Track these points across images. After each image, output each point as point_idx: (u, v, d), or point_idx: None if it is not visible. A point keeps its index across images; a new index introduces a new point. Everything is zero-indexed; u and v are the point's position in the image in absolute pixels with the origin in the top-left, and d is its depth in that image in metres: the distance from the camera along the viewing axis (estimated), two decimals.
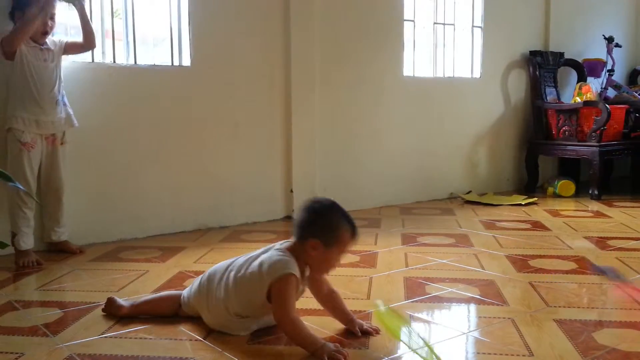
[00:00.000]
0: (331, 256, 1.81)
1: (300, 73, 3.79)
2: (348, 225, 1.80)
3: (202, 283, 1.95)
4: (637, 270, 2.60)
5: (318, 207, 1.83)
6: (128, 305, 2.06)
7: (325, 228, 1.79)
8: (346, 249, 1.82)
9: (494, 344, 1.82)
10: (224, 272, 1.90)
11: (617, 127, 4.72)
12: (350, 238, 1.81)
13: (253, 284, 1.80)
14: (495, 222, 3.68)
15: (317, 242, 1.78)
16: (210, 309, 1.89)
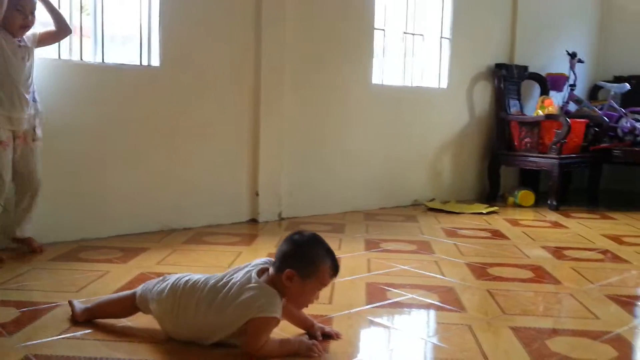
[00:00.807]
0: (307, 289, 1.75)
1: (270, 78, 3.80)
2: (329, 260, 1.76)
3: (176, 293, 1.80)
4: (591, 280, 2.68)
5: (298, 239, 1.78)
6: (80, 310, 1.99)
7: (303, 259, 1.74)
8: (324, 284, 1.77)
9: (451, 349, 1.86)
10: (201, 292, 1.77)
11: (577, 140, 4.86)
12: (329, 274, 1.76)
13: (234, 317, 1.71)
14: (457, 230, 3.75)
15: (293, 272, 1.72)
16: (179, 323, 1.79)
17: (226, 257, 2.92)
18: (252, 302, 1.69)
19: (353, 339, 1.93)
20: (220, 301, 1.73)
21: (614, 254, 3.22)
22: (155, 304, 1.84)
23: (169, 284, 1.84)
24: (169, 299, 1.80)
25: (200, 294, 1.77)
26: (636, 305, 2.39)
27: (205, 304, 1.75)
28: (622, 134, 5.14)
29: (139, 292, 1.92)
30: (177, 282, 1.83)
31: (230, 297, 1.72)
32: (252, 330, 1.70)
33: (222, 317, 1.73)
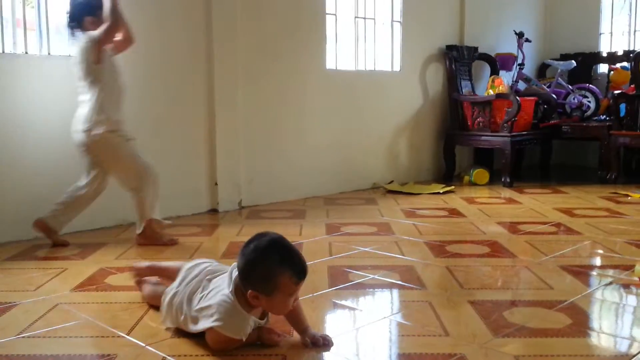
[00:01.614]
0: (276, 302, 1.67)
1: (223, 66, 3.76)
2: (287, 269, 1.65)
3: (172, 308, 1.85)
4: (545, 252, 2.77)
5: (251, 256, 1.66)
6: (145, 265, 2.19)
7: (260, 279, 1.65)
8: (291, 293, 1.67)
9: (413, 326, 1.90)
10: (188, 310, 1.79)
11: (527, 118, 4.99)
12: (292, 282, 1.65)
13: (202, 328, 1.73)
14: (416, 211, 3.81)
15: (256, 294, 1.65)
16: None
17: (187, 248, 2.91)
18: (213, 321, 1.68)
19: (318, 321, 1.95)
20: (199, 315, 1.75)
21: (566, 227, 3.33)
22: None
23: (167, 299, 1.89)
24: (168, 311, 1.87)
25: (187, 311, 1.79)
26: (589, 274, 2.49)
27: (190, 318, 1.78)
28: (570, 110, 5.31)
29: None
30: (172, 298, 1.86)
31: (206, 313, 1.72)
32: (212, 336, 1.70)
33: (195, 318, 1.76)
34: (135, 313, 2.02)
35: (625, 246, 2.89)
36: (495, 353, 1.69)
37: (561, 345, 1.75)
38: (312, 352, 1.71)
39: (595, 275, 2.49)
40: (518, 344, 1.76)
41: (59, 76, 3.16)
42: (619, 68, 5.51)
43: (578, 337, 1.81)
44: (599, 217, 3.58)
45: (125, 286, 2.29)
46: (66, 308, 2.07)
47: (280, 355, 1.68)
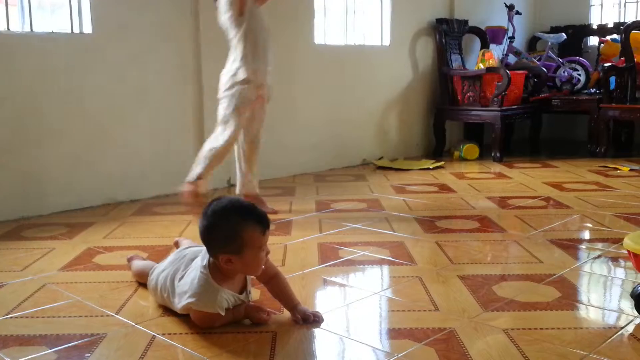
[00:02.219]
0: (249, 259, 1.66)
1: (210, 41, 3.69)
2: (249, 220, 1.65)
3: (157, 291, 1.88)
4: (535, 226, 2.78)
5: (212, 220, 1.66)
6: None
7: (227, 239, 1.65)
8: (261, 245, 1.67)
9: (403, 301, 1.91)
10: (171, 289, 1.81)
11: (517, 92, 4.97)
12: (259, 232, 1.65)
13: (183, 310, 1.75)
14: (406, 186, 3.81)
15: (227, 256, 1.65)
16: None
17: (176, 226, 2.89)
18: (187, 297, 1.70)
19: (308, 298, 1.95)
20: (177, 293, 1.77)
21: (555, 201, 3.34)
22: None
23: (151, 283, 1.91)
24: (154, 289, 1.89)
25: (170, 290, 1.80)
26: (577, 248, 2.50)
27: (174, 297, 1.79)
28: (560, 84, 5.30)
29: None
30: (155, 283, 1.88)
31: (183, 290, 1.74)
32: (192, 314, 1.72)
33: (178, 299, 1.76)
34: (124, 292, 2.01)
35: (614, 219, 2.90)
36: (484, 327, 1.70)
37: (550, 318, 1.76)
38: (302, 328, 1.71)
39: (584, 248, 2.50)
40: (507, 317, 1.77)
41: (42, 53, 3.10)
42: (609, 40, 5.49)
43: (567, 310, 1.82)
44: (588, 190, 3.60)
45: (114, 265, 2.28)
46: (54, 288, 2.06)
47: (271, 332, 1.68)
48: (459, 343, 1.60)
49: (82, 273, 2.22)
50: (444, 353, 1.55)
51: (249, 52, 2.89)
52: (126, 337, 1.67)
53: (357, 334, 1.69)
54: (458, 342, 1.61)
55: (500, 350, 1.56)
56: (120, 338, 1.66)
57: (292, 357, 1.55)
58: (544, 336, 1.64)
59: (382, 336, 1.70)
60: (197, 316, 1.71)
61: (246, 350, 1.58)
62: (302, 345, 1.63)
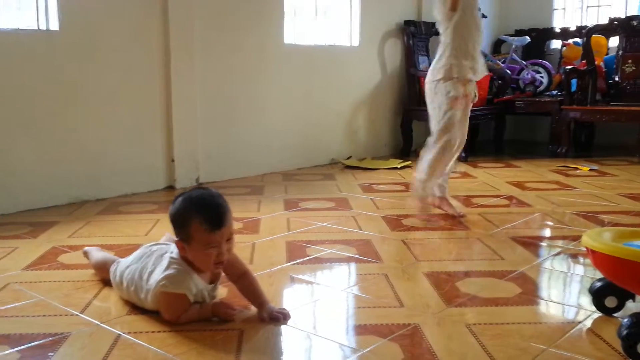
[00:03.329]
0: (197, 252, 1.69)
1: (179, 40, 3.68)
2: (198, 216, 1.66)
3: (122, 286, 1.89)
4: (498, 224, 2.85)
5: (175, 206, 1.73)
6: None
7: (177, 225, 1.71)
8: (206, 242, 1.67)
9: (370, 298, 1.94)
10: (139, 281, 1.82)
11: (482, 93, 5.04)
12: (204, 229, 1.65)
13: (154, 300, 1.75)
14: (373, 186, 3.85)
15: (179, 242, 1.71)
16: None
17: (143, 225, 2.87)
18: (158, 281, 1.72)
19: (276, 295, 1.96)
20: (145, 281, 1.79)
21: (517, 199, 3.42)
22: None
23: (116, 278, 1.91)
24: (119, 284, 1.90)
25: (138, 284, 1.81)
26: (538, 245, 2.56)
27: (142, 290, 1.80)
28: (524, 86, 5.41)
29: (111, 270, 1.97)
30: (121, 278, 1.89)
31: (154, 279, 1.76)
32: (161, 304, 1.73)
33: (147, 294, 1.77)
34: (89, 291, 1.99)
35: (574, 217, 2.99)
36: (448, 322, 1.74)
37: (511, 313, 1.81)
38: (269, 325, 1.73)
39: (545, 246, 2.57)
40: (470, 313, 1.81)
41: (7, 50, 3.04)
42: (571, 44, 5.63)
43: (527, 305, 1.88)
44: (549, 189, 3.69)
45: (79, 264, 2.25)
46: (17, 287, 2.03)
47: (237, 330, 1.69)
48: (423, 338, 1.64)
49: (47, 272, 2.19)
50: (409, 348, 1.58)
51: (456, 47, 2.80)
52: (91, 336, 1.66)
53: (324, 331, 1.71)
54: (422, 337, 1.64)
55: (463, 344, 1.60)
56: (85, 337, 1.65)
57: (259, 354, 1.56)
58: (505, 331, 1.68)
59: (348, 332, 1.72)
60: (166, 302, 1.71)
61: (213, 347, 1.59)
62: (269, 342, 1.64)
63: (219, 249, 1.70)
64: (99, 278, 2.08)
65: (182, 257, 1.74)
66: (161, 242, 2.04)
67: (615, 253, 1.58)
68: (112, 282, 1.94)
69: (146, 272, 1.80)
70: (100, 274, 2.07)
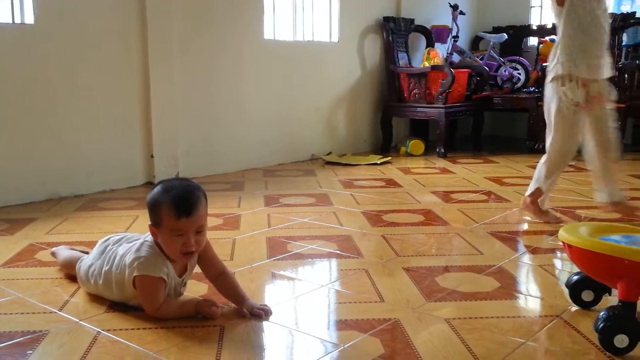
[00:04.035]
0: (166, 238, 1.69)
1: (157, 35, 3.64)
2: (167, 201, 1.67)
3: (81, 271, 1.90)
4: (476, 220, 2.88)
5: (152, 190, 1.74)
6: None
7: (149, 208, 1.72)
8: (174, 228, 1.67)
9: (350, 293, 1.95)
10: (103, 261, 1.85)
11: (460, 90, 5.11)
12: (172, 215, 1.66)
13: (122, 283, 1.76)
14: (353, 181, 3.86)
15: (151, 226, 1.72)
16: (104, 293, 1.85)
17: (122, 221, 2.84)
18: (131, 262, 1.72)
19: (256, 291, 1.97)
20: (112, 271, 1.80)
21: (496, 195, 3.46)
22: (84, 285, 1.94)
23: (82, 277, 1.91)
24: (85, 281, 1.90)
25: (107, 275, 1.81)
26: (516, 240, 2.60)
27: (107, 273, 1.81)
28: (501, 82, 5.47)
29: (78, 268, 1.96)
30: (86, 276, 1.88)
31: (119, 268, 1.77)
32: (138, 291, 1.72)
33: (122, 281, 1.76)
34: (68, 289, 1.97)
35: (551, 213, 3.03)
36: (427, 317, 1.75)
37: (490, 308, 1.83)
38: (250, 321, 1.73)
39: (523, 240, 2.61)
40: (449, 307, 1.83)
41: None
42: (548, 41, 5.69)
43: (506, 300, 1.90)
44: (527, 185, 3.71)
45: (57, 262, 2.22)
46: None
47: (218, 326, 1.69)
48: (403, 333, 1.65)
49: (24, 269, 2.16)
50: (389, 343, 1.59)
51: (570, 44, 2.64)
52: (70, 334, 1.64)
53: (305, 326, 1.71)
54: (402, 332, 1.66)
55: (442, 339, 1.62)
56: (64, 335, 1.63)
57: (240, 351, 1.56)
58: (484, 325, 1.71)
59: (329, 328, 1.73)
60: (141, 288, 1.70)
61: (193, 344, 1.58)
62: (250, 338, 1.64)
63: (186, 238, 1.69)
64: (65, 275, 2.07)
65: (155, 243, 1.74)
66: (118, 234, 2.03)
67: (592, 247, 1.61)
68: (79, 279, 1.94)
69: (114, 261, 1.80)
70: (67, 272, 2.06)
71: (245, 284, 1.97)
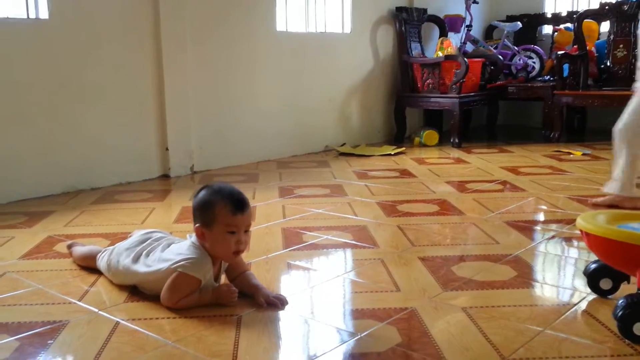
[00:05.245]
0: (219, 236, 1.72)
1: (170, 28, 3.66)
2: (224, 198, 1.73)
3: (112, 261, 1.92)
4: (492, 209, 2.86)
5: (196, 197, 1.77)
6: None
7: (201, 209, 1.74)
8: (230, 224, 1.72)
9: (366, 283, 1.95)
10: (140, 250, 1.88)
11: (474, 79, 5.07)
12: (229, 211, 1.71)
13: (154, 275, 1.79)
14: (367, 172, 3.86)
15: (199, 227, 1.74)
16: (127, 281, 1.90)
17: (139, 214, 2.87)
18: (178, 260, 1.74)
19: (272, 281, 1.97)
20: (155, 257, 1.83)
21: (511, 184, 3.44)
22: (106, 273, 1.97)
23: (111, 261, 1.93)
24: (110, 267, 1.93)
25: (142, 262, 1.85)
26: (532, 229, 2.58)
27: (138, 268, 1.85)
28: (516, 71, 5.42)
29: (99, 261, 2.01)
30: (117, 261, 1.91)
31: (163, 253, 1.81)
32: (169, 281, 1.73)
33: (155, 274, 1.79)
34: (87, 280, 1.99)
35: (568, 201, 3.01)
36: (444, 305, 1.75)
37: (507, 296, 1.83)
38: (267, 311, 1.73)
39: (539, 229, 2.59)
40: (466, 296, 1.83)
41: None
42: (562, 29, 5.64)
43: (522, 288, 1.90)
44: (542, 174, 3.71)
45: None
46: (14, 276, 2.03)
47: (235, 316, 1.70)
48: (420, 322, 1.65)
49: (43, 261, 2.19)
50: (406, 331, 1.59)
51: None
52: (89, 324, 1.66)
53: (322, 315, 1.72)
54: (419, 320, 1.66)
55: (459, 327, 1.61)
56: (84, 325, 1.65)
57: (257, 340, 1.57)
58: (501, 313, 1.70)
59: (345, 317, 1.73)
60: (176, 282, 1.71)
61: (211, 333, 1.60)
62: (267, 327, 1.65)
63: (239, 236, 1.73)
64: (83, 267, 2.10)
65: (201, 245, 1.76)
66: (156, 230, 2.05)
67: (610, 235, 1.59)
68: (104, 265, 1.95)
69: (153, 252, 1.84)
70: (86, 264, 2.08)
71: (261, 274, 1.98)
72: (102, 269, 1.98)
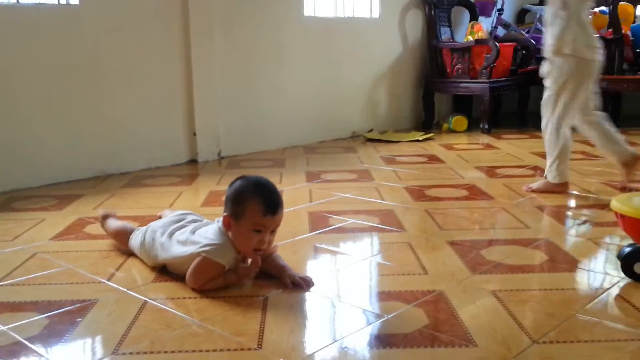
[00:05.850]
0: (243, 231, 1.71)
1: (198, 15, 3.65)
2: (257, 196, 1.70)
3: (146, 241, 1.93)
4: (522, 194, 2.81)
5: (231, 186, 1.77)
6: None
7: (233, 200, 1.73)
8: (258, 222, 1.70)
9: (393, 266, 1.93)
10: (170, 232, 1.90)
11: (505, 64, 4.97)
12: (259, 210, 1.69)
13: (181, 256, 1.80)
14: (395, 158, 3.82)
15: (227, 216, 1.72)
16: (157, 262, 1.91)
17: (167, 197, 2.89)
18: (204, 245, 1.74)
19: (299, 264, 1.97)
20: (183, 245, 1.82)
21: (542, 170, 3.35)
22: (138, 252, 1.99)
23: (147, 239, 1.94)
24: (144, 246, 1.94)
25: (168, 242, 1.87)
26: (564, 214, 2.53)
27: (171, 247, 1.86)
28: None
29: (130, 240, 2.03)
30: (153, 233, 1.93)
31: (194, 240, 1.80)
32: (194, 265, 1.74)
33: (182, 255, 1.79)
34: (116, 260, 2.01)
35: (600, 187, 2.94)
36: (473, 289, 1.72)
37: (537, 280, 1.79)
38: (293, 292, 1.73)
39: (571, 214, 2.54)
40: (495, 280, 1.80)
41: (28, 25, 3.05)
42: (597, 12, 5.47)
43: (554, 272, 1.86)
44: (575, 160, 3.60)
45: (105, 235, 2.27)
46: (45, 257, 2.06)
47: (262, 297, 1.70)
48: (448, 304, 1.63)
49: (73, 242, 2.22)
50: (433, 314, 1.57)
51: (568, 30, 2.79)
52: (118, 303, 1.68)
53: (348, 297, 1.71)
54: (447, 303, 1.63)
55: (489, 311, 1.58)
56: (112, 303, 1.67)
57: (283, 320, 1.57)
58: (532, 297, 1.67)
59: (372, 299, 1.72)
60: (201, 266, 1.72)
61: (237, 313, 1.60)
62: (293, 308, 1.65)
63: (263, 235, 1.72)
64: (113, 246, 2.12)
65: (226, 232, 1.76)
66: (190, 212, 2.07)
67: None
68: (137, 244, 1.96)
69: (187, 230, 1.85)
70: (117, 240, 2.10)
71: (288, 256, 1.98)
72: (133, 247, 1.99)
